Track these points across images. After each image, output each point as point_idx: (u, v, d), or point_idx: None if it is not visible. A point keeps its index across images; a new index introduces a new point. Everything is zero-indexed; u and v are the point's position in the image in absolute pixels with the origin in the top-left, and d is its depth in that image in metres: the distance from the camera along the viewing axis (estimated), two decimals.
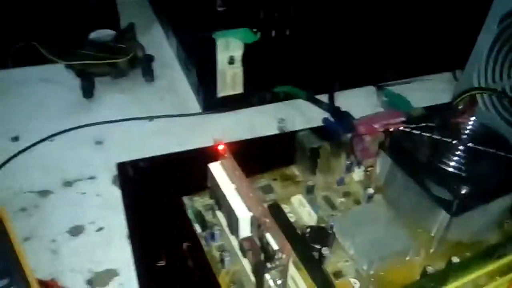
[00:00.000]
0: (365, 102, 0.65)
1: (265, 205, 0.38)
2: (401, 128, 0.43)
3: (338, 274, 0.40)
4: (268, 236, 0.31)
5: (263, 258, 0.31)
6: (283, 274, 0.30)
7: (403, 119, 0.47)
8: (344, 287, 0.39)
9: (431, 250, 0.42)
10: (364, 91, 0.67)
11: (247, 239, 0.34)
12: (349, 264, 0.41)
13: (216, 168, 0.38)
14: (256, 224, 0.33)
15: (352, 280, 0.40)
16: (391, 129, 0.43)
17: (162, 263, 0.41)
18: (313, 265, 0.40)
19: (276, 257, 0.30)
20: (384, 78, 0.67)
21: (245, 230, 0.34)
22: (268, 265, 0.30)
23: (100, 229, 0.46)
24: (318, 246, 0.41)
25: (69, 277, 0.41)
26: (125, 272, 0.42)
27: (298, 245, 0.41)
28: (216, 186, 0.37)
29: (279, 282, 0.29)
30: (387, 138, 0.45)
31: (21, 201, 0.48)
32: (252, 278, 0.34)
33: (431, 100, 0.61)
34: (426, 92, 0.66)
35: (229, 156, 0.36)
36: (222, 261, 0.40)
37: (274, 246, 0.30)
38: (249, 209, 0.34)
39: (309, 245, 0.41)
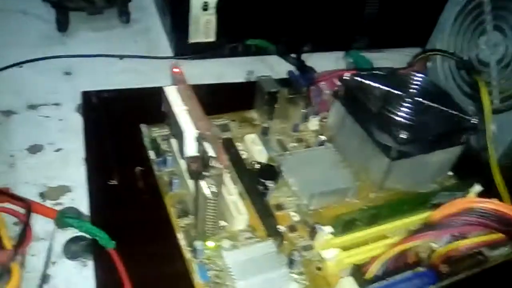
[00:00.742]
0: (334, 64, 0.66)
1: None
2: (351, 75, 0.45)
3: (279, 207, 0.42)
4: (207, 146, 0.33)
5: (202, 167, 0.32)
6: (218, 182, 0.32)
7: None
8: (284, 219, 0.41)
9: (370, 195, 0.44)
10: (334, 56, 0.68)
11: (193, 158, 0.36)
12: (291, 199, 0.43)
13: (170, 91, 0.39)
14: (201, 142, 0.34)
15: (292, 213, 0.42)
16: (344, 77, 0.45)
17: (113, 182, 0.42)
18: (256, 196, 0.42)
19: (211, 164, 0.31)
20: (357, 45, 0.69)
21: (191, 147, 0.36)
22: (204, 172, 0.32)
23: (59, 150, 0.47)
24: (263, 180, 0.43)
25: (22, 189, 0.42)
26: (78, 190, 0.43)
27: (245, 177, 0.43)
28: (169, 107, 0.38)
29: (213, 189, 0.31)
30: (341, 87, 0.47)
31: None
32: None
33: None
34: (395, 62, 0.68)
35: (183, 78, 0.38)
36: (171, 184, 0.42)
37: (212, 154, 0.32)
38: (197, 127, 0.35)
39: (255, 178, 0.43)
